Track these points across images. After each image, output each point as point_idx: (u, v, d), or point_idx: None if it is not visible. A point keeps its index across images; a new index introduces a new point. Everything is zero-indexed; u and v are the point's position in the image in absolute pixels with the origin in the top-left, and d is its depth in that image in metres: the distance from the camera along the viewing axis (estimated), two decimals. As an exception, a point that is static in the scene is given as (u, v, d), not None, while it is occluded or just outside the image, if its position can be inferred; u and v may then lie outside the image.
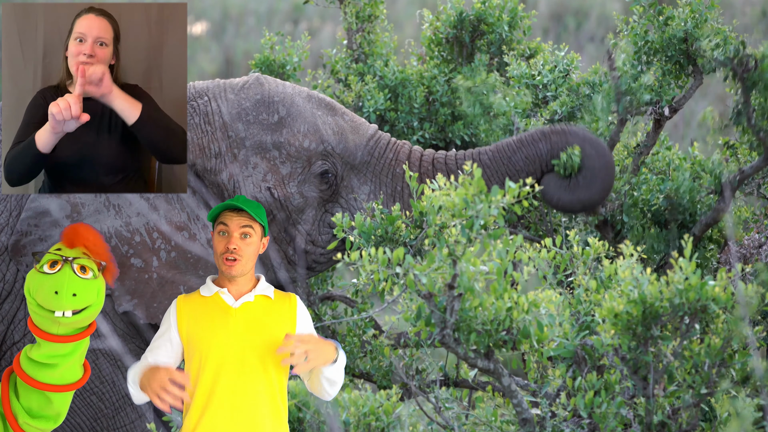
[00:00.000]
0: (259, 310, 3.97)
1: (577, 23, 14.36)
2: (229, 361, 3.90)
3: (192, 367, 3.92)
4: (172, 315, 3.98)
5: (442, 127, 5.95)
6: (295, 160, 4.76)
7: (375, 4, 6.03)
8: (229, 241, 3.93)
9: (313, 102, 4.89)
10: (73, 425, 4.77)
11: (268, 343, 3.92)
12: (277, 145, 4.75)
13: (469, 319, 3.92)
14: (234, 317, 3.94)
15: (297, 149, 4.77)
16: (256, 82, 4.84)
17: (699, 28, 5.12)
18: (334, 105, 4.93)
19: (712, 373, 3.92)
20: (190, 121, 4.70)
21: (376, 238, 4.45)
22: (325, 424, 4.51)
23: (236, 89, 4.81)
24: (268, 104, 4.79)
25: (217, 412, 3.88)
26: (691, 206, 5.30)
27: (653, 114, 5.19)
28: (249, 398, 3.91)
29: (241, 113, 4.75)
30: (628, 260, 3.95)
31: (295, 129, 4.78)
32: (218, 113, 4.75)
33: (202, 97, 4.78)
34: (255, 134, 4.75)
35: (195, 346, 3.92)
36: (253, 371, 3.92)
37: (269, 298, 3.99)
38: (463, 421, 4.46)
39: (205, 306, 3.96)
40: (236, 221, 3.95)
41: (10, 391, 3.55)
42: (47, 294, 3.46)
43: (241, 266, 3.93)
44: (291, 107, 4.81)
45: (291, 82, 5.98)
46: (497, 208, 3.81)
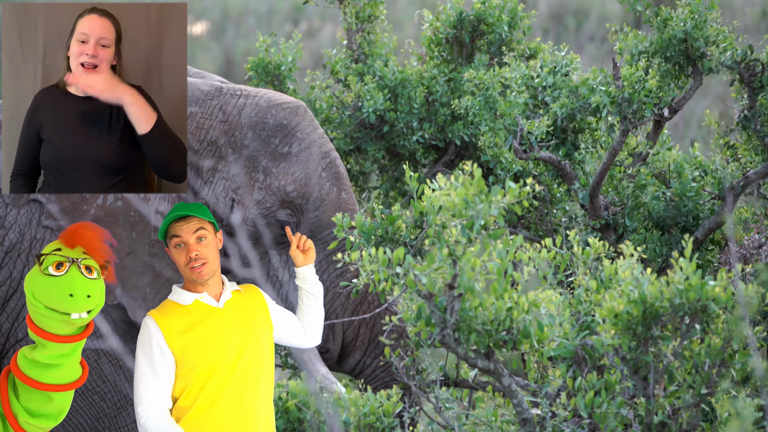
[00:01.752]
0: (240, 306, 4.01)
1: (577, 23, 14.36)
2: (231, 360, 3.91)
3: (194, 378, 3.90)
4: (155, 331, 3.93)
5: (442, 127, 5.95)
6: (270, 194, 4.70)
7: (375, 4, 6.03)
8: (189, 250, 3.93)
9: (325, 162, 4.81)
10: (75, 425, 4.77)
11: (260, 334, 3.99)
12: (266, 172, 4.70)
13: (469, 319, 3.92)
14: (223, 317, 3.95)
15: (278, 186, 4.71)
16: (294, 110, 4.79)
17: (698, 28, 5.12)
18: (341, 178, 4.85)
19: (713, 373, 3.92)
20: (204, 99, 4.68)
21: (376, 238, 4.45)
22: (325, 424, 4.51)
23: (272, 103, 4.76)
24: (287, 133, 4.75)
25: (223, 413, 3.89)
26: (694, 210, 5.31)
27: (653, 115, 5.19)
28: (253, 393, 3.93)
29: (259, 124, 4.72)
30: (629, 260, 3.95)
31: (291, 170, 4.73)
32: (239, 110, 4.72)
33: (237, 91, 4.75)
34: (256, 149, 4.71)
35: (193, 355, 3.90)
36: (254, 365, 3.95)
37: (240, 291, 4.04)
38: (464, 421, 4.46)
39: (188, 314, 3.95)
40: (187, 228, 3.94)
41: (9, 390, 3.55)
42: (61, 297, 3.45)
43: (208, 268, 3.95)
44: (304, 151, 4.76)
45: (288, 83, 5.98)
46: (497, 208, 3.81)
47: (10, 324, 4.63)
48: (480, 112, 5.38)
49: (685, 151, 5.57)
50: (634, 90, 5.06)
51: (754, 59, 5.06)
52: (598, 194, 5.25)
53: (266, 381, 4.00)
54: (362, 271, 3.94)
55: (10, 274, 4.62)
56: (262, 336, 4.00)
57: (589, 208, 5.31)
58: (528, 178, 3.97)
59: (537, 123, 5.17)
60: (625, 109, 5.09)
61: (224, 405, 3.90)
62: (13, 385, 3.57)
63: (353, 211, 4.86)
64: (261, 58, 5.99)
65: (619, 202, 5.35)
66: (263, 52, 5.99)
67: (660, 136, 5.47)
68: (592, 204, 5.28)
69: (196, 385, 3.89)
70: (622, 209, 5.33)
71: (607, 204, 5.35)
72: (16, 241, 4.62)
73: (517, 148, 5.18)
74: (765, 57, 5.07)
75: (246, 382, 3.94)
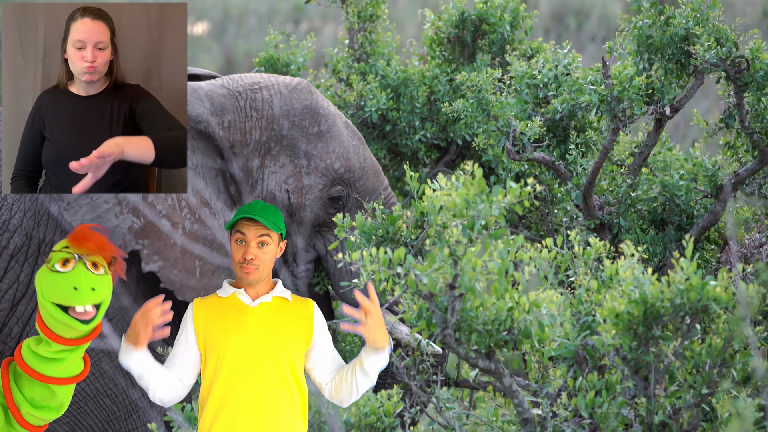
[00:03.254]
0: (277, 311, 3.95)
1: (578, 23, 14.35)
2: (246, 359, 3.90)
3: (209, 366, 3.91)
4: (189, 318, 3.96)
5: (444, 126, 5.94)
6: (320, 175, 4.89)
7: (377, 3, 6.03)
8: (246, 251, 3.91)
9: (350, 130, 5.03)
10: (86, 428, 4.77)
11: (286, 343, 3.90)
12: (308, 155, 4.87)
13: (470, 319, 3.91)
14: (252, 316, 3.93)
15: (326, 166, 4.89)
16: (307, 89, 4.95)
17: (700, 27, 5.11)
18: (364, 141, 5.07)
19: (713, 373, 3.91)
20: (234, 104, 4.78)
21: (377, 238, 4.44)
22: (326, 424, 4.51)
23: (289, 87, 4.90)
24: (313, 113, 4.90)
25: (234, 411, 3.87)
26: (687, 208, 5.30)
27: (654, 114, 5.18)
28: (266, 397, 3.89)
29: (290, 112, 4.86)
30: (629, 260, 3.95)
31: (330, 147, 4.90)
32: (269, 104, 4.84)
33: (253, 85, 4.85)
34: (294, 136, 4.85)
35: (212, 345, 3.91)
36: (270, 370, 3.90)
37: (287, 300, 3.97)
38: (464, 421, 4.45)
39: (221, 306, 3.96)
40: (253, 231, 3.93)
41: (11, 380, 3.57)
42: (66, 291, 3.48)
43: (258, 273, 3.92)
44: (332, 126, 4.93)
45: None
46: (498, 208, 3.81)
47: (21, 328, 4.64)
48: (473, 114, 5.39)
49: (686, 152, 5.56)
50: (623, 88, 5.06)
51: (739, 56, 5.05)
52: (592, 194, 5.25)
53: (288, 389, 3.93)
54: (363, 271, 3.94)
55: (17, 278, 4.63)
56: (290, 346, 3.93)
57: (583, 208, 5.30)
58: (529, 178, 3.96)
59: (530, 124, 5.17)
60: (615, 107, 5.09)
61: (235, 402, 3.88)
62: (14, 375, 3.59)
63: (381, 170, 5.09)
64: (270, 55, 6.00)
65: (614, 202, 5.34)
66: (273, 49, 6.00)
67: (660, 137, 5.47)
68: (586, 204, 5.27)
69: (209, 375, 3.90)
70: (617, 209, 5.32)
71: (602, 204, 5.35)
72: (21, 245, 4.63)
73: (510, 149, 5.18)
74: (749, 54, 5.05)
75: (262, 385, 3.90)
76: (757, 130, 5.10)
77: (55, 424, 4.79)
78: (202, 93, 4.78)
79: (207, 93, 4.78)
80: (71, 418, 4.81)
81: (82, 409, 4.79)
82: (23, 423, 3.57)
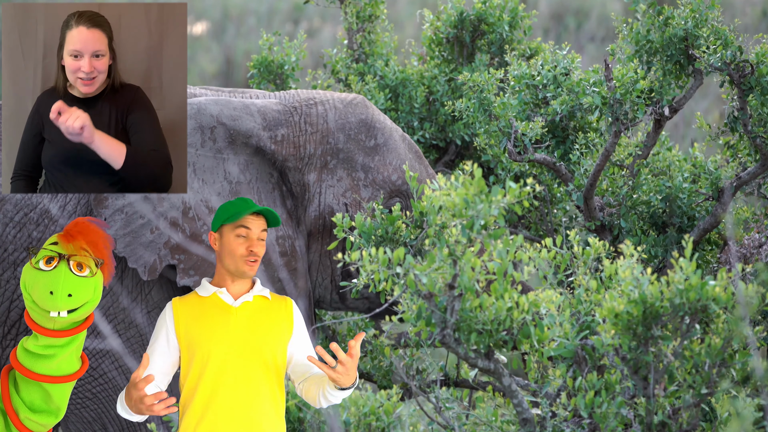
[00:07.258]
0: (260, 311, 3.97)
1: (577, 23, 14.35)
2: (231, 359, 3.90)
3: (193, 367, 3.90)
4: (169, 319, 3.95)
5: (443, 126, 5.95)
6: (378, 188, 4.93)
7: (375, 4, 6.04)
8: (251, 244, 3.94)
9: (407, 143, 5.07)
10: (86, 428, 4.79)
11: (270, 343, 3.92)
12: (366, 168, 4.91)
13: (469, 319, 3.92)
14: (235, 316, 3.93)
15: (384, 179, 4.94)
16: (363, 103, 5.00)
17: (699, 27, 5.11)
18: (421, 155, 5.12)
19: (713, 373, 3.92)
20: (288, 119, 4.83)
21: (376, 238, 4.45)
22: (326, 424, 4.51)
23: (344, 102, 4.96)
24: (369, 127, 4.95)
25: (220, 411, 3.87)
26: (689, 209, 5.30)
27: (653, 114, 5.18)
28: (251, 397, 3.90)
29: (345, 125, 4.91)
30: (629, 260, 3.95)
31: (387, 160, 4.95)
32: (324, 118, 4.89)
33: (308, 101, 4.92)
34: (350, 150, 4.90)
35: (195, 346, 3.91)
36: (256, 370, 3.91)
37: (267, 298, 3.99)
38: (464, 421, 4.46)
39: (203, 306, 3.96)
40: (258, 224, 3.96)
41: (10, 386, 3.54)
42: (42, 293, 3.44)
43: (257, 267, 3.97)
44: (389, 139, 4.98)
45: (290, 83, 5.99)
46: (498, 208, 3.81)
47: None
48: (474, 114, 5.39)
49: (686, 152, 5.56)
50: (626, 91, 5.07)
51: (744, 60, 5.05)
52: (593, 195, 5.25)
53: (271, 388, 3.95)
54: (362, 271, 3.94)
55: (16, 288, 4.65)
56: (273, 346, 3.96)
57: (584, 209, 5.30)
58: (528, 179, 3.97)
59: (531, 125, 5.17)
60: (617, 110, 5.10)
61: (220, 403, 3.89)
62: (14, 381, 3.57)
63: None
64: (264, 57, 6.00)
65: (615, 203, 5.34)
66: (266, 51, 6.00)
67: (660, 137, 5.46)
68: (587, 205, 5.27)
69: (194, 376, 3.90)
70: (618, 210, 5.32)
71: (603, 205, 5.35)
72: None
73: (511, 150, 5.18)
74: (754, 58, 5.06)
75: (247, 385, 3.91)
76: (760, 134, 5.11)
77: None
78: (254, 109, 4.83)
79: (260, 108, 4.83)
80: (70, 418, 4.83)
81: (81, 409, 4.80)
82: (22, 428, 3.54)
